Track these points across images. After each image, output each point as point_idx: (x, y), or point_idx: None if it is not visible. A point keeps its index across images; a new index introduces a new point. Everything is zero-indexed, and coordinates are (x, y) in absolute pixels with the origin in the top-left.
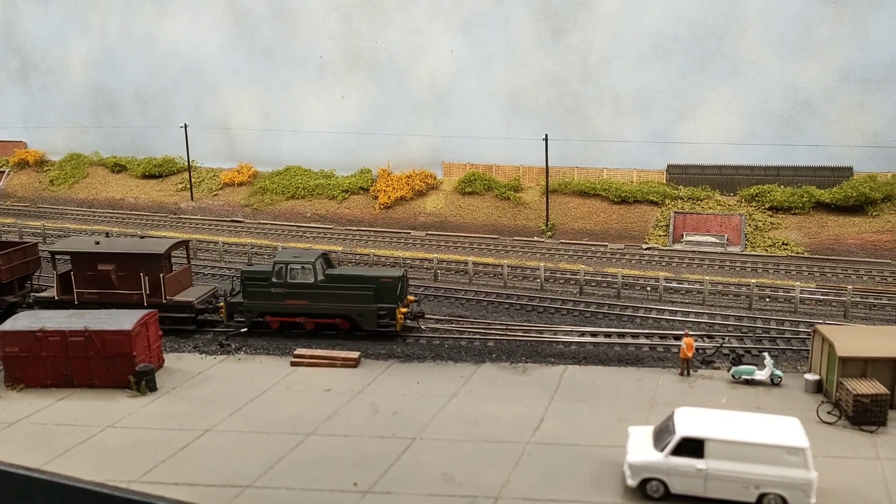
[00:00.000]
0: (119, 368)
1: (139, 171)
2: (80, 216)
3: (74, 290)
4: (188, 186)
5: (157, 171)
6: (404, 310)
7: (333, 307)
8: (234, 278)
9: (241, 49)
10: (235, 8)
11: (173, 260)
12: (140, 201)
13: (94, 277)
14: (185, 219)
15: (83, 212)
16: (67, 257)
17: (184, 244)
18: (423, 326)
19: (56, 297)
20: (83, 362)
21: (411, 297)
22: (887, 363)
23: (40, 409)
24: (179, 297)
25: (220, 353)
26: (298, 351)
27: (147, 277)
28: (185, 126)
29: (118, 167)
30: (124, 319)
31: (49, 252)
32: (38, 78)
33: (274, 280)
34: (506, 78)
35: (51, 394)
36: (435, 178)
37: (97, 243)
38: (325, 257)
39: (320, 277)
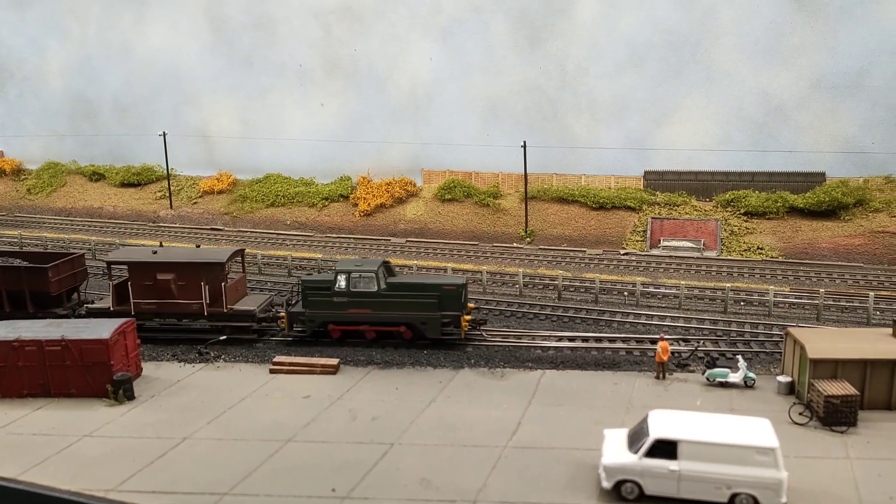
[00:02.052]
0: (96, 377)
1: (118, 179)
2: (59, 225)
3: (131, 301)
4: (167, 195)
5: (135, 180)
6: (468, 317)
7: (397, 315)
8: (294, 288)
9: (220, 57)
10: (214, 16)
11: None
12: (118, 210)
13: (152, 287)
14: (165, 227)
15: (61, 220)
16: (124, 267)
17: (240, 253)
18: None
19: (112, 308)
20: (60, 372)
21: (471, 305)
22: (857, 365)
23: (16, 419)
24: (240, 306)
25: (199, 362)
26: (277, 358)
27: (207, 286)
28: (164, 134)
29: (96, 175)
30: (102, 328)
31: (105, 262)
32: (15, 86)
33: (336, 289)
34: (484, 85)
35: (27, 403)
36: (415, 186)
37: (154, 253)
38: (387, 265)
39: (382, 286)
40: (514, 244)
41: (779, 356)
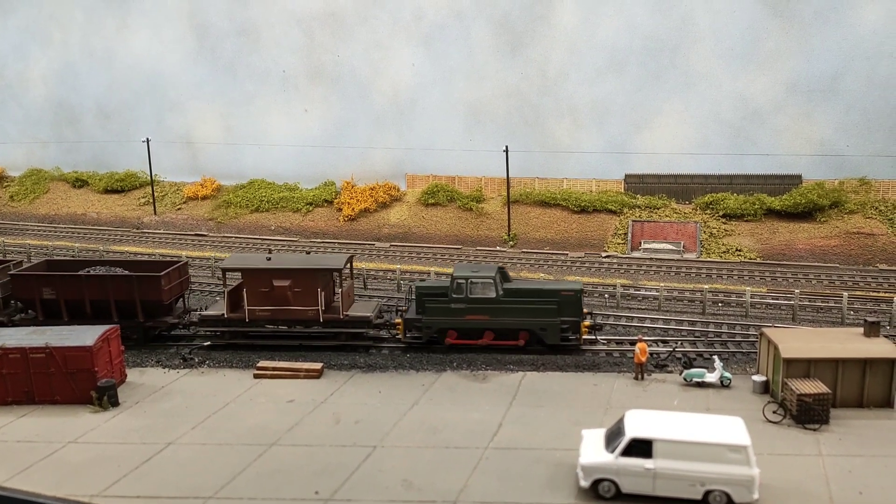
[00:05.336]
0: (81, 384)
1: (101, 185)
2: (42, 232)
3: (245, 307)
4: (151, 201)
5: (119, 186)
6: (588, 323)
7: (515, 322)
8: (409, 294)
9: (204, 63)
10: (197, 22)
11: None
12: (102, 216)
13: (268, 294)
14: (148, 233)
15: (44, 227)
16: (238, 274)
17: (351, 259)
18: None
19: (226, 315)
20: (44, 379)
21: (586, 311)
22: (829, 364)
23: (1, 427)
24: (354, 312)
25: (183, 367)
26: (261, 363)
27: (323, 293)
28: (148, 140)
29: (80, 182)
30: (85, 335)
31: (221, 269)
32: None
33: (453, 295)
34: (466, 91)
35: (12, 411)
36: (398, 190)
37: (268, 259)
38: (502, 271)
39: (500, 292)
40: (497, 247)
41: (755, 356)
